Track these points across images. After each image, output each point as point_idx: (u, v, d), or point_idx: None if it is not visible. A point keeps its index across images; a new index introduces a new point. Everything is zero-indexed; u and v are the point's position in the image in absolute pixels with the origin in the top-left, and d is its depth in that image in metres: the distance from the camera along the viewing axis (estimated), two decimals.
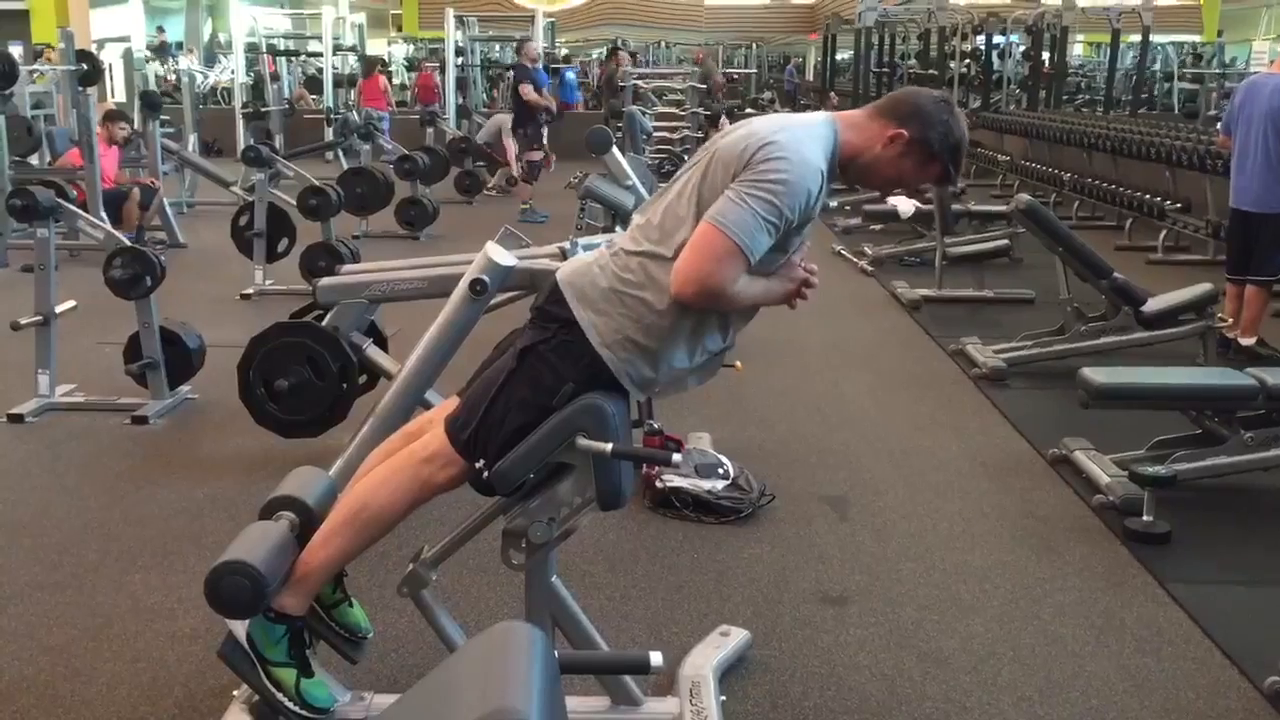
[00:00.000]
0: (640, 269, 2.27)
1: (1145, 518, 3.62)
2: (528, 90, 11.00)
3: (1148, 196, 9.26)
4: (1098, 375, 4.02)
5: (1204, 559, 3.53)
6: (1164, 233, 8.90)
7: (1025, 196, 6.06)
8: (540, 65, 12.30)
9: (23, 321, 4.70)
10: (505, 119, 12.80)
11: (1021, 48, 17.20)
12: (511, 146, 12.21)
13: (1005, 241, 7.78)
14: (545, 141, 11.50)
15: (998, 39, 16.84)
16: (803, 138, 2.25)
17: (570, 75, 18.34)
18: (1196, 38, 24.58)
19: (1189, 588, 3.28)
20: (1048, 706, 2.68)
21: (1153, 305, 5.51)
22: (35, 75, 9.10)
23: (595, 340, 2.25)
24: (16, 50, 10.03)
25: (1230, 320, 5.82)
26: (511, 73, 12.09)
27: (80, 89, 8.58)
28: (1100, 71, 19.76)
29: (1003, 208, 8.51)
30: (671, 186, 2.36)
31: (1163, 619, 3.12)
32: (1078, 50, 23.98)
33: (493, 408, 2.26)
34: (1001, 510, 3.88)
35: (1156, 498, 3.64)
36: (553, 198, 10.87)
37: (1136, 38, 15.56)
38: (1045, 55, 16.27)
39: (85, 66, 9.10)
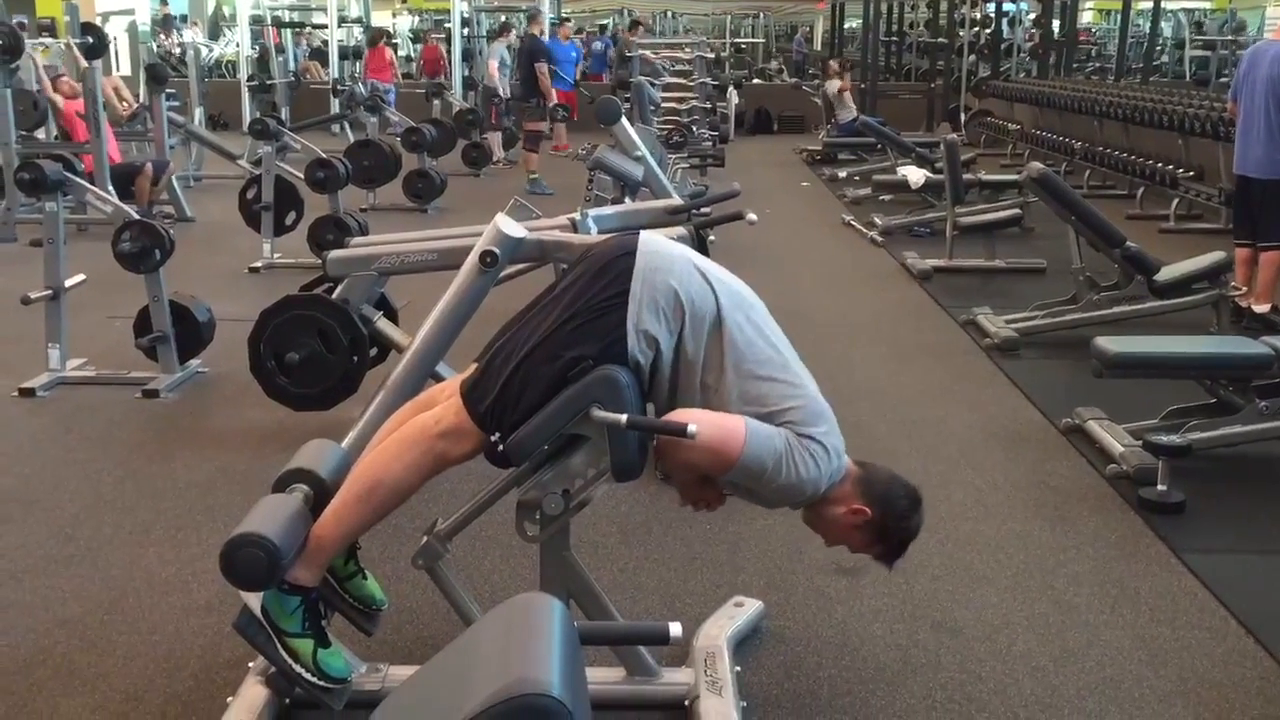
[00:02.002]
0: (709, 317, 2.28)
1: (1160, 487, 3.61)
2: (543, 70, 11.10)
3: (1159, 165, 9.20)
4: (1111, 344, 4.00)
5: (1219, 528, 3.52)
6: (1176, 201, 8.84)
7: (1038, 164, 6.02)
8: (555, 39, 12.49)
9: (32, 296, 4.70)
10: (493, 46, 13.04)
11: (1031, 15, 17.04)
12: (495, 72, 12.54)
13: (1016, 211, 7.72)
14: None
15: (1008, 6, 16.69)
16: (837, 462, 2.34)
17: (598, 46, 18.34)
18: (1207, 4, 24.34)
19: (1204, 557, 3.27)
20: (1062, 676, 2.68)
21: (1165, 274, 5.48)
22: (40, 49, 9.02)
23: (631, 317, 2.23)
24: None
25: (1244, 288, 5.79)
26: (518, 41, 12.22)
27: (87, 63, 8.51)
28: (1111, 39, 19.59)
29: (1014, 177, 8.47)
30: (778, 339, 2.37)
31: (1177, 588, 3.11)
32: (1088, 17, 23.77)
33: (511, 381, 2.25)
34: (1015, 480, 3.87)
35: (1171, 467, 3.62)
36: (560, 169, 10.85)
37: (1148, 4, 15.42)
38: (1055, 22, 16.13)
39: (91, 40, 9.02)
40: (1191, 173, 8.81)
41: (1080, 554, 3.32)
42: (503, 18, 16.47)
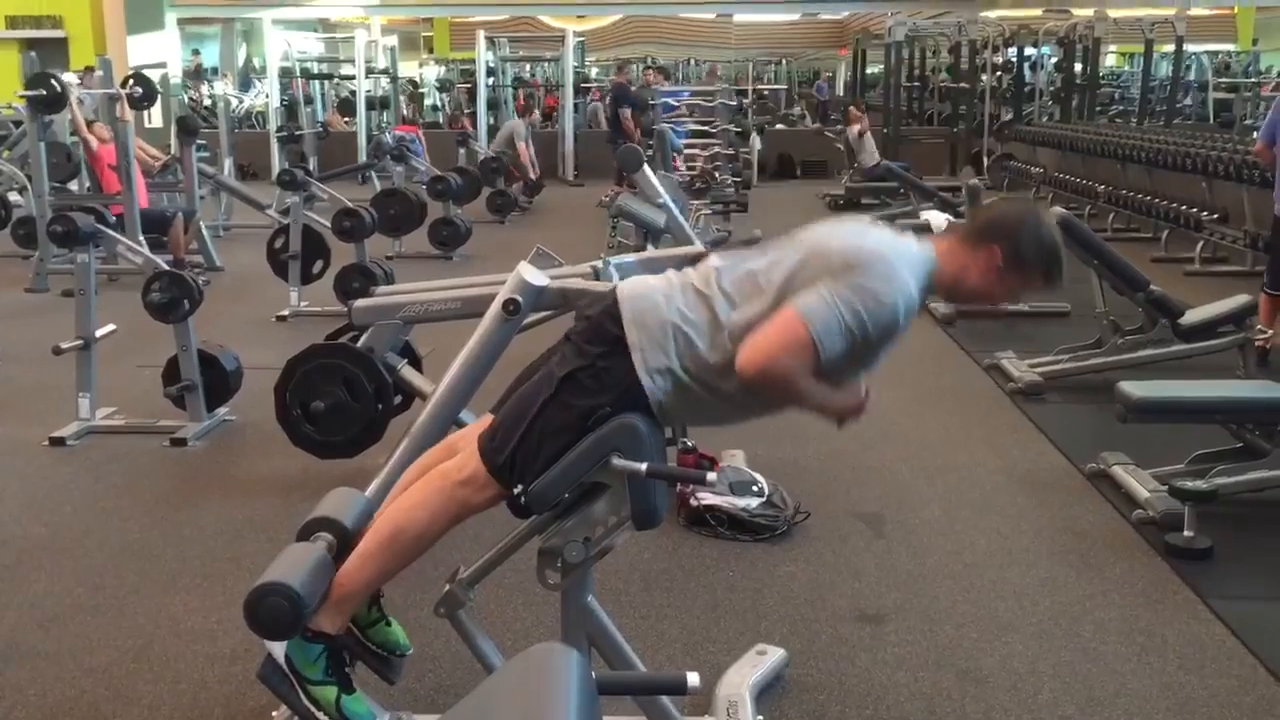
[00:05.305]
0: (705, 317, 2.29)
1: (1186, 533, 3.58)
2: (627, 115, 11.46)
3: (1184, 208, 9.17)
4: (1136, 389, 3.98)
5: (1247, 574, 3.49)
6: (1201, 244, 8.81)
7: (1059, 209, 6.03)
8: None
9: (64, 346, 4.77)
10: (518, 125, 13.14)
11: (1054, 59, 17.09)
12: (527, 152, 12.44)
13: None
14: None
15: (1029, 51, 16.74)
16: (906, 262, 2.29)
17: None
18: (1231, 46, 24.35)
19: (1232, 604, 3.24)
20: None
21: (1190, 317, 5.45)
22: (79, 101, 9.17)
23: (640, 365, 2.26)
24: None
25: (1270, 332, 5.75)
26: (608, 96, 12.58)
27: (117, 117, 8.65)
28: (1134, 82, 19.61)
29: None
30: (763, 253, 2.37)
31: (1205, 636, 3.08)
32: (1110, 61, 23.82)
33: (529, 433, 2.27)
34: (1039, 526, 3.85)
35: (1197, 513, 3.60)
36: (582, 216, 10.93)
37: (1170, 48, 15.43)
38: (1078, 66, 16.17)
39: (141, 90, 9.10)
40: (1216, 215, 8.78)
41: (1106, 601, 3.29)
42: (532, 92, 16.62)
